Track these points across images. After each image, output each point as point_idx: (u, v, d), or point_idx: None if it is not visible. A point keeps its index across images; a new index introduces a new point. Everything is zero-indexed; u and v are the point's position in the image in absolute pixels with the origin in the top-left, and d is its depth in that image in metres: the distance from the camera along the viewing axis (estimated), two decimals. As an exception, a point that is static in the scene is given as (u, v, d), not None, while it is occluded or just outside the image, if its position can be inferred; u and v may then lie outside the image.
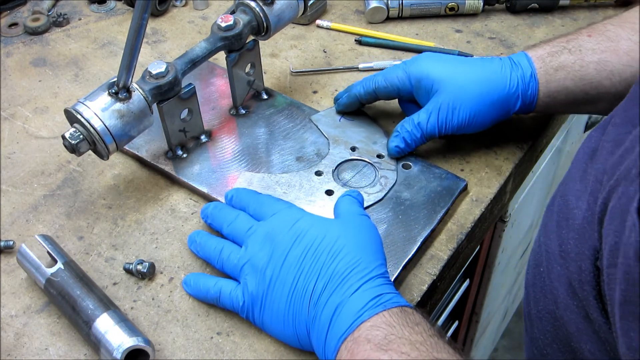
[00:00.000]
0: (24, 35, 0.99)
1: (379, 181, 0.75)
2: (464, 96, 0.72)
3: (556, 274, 0.58)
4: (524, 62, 0.72)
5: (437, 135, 0.74)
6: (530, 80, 0.72)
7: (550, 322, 0.60)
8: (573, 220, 0.56)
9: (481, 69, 0.73)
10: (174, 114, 0.75)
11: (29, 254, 0.65)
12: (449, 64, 0.74)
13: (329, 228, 0.60)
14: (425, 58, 0.76)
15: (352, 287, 0.56)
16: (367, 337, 0.53)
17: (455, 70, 0.73)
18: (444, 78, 0.73)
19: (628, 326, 0.45)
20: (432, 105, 0.73)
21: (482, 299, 1.25)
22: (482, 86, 0.72)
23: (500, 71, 0.72)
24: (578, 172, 0.59)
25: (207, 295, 0.64)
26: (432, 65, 0.74)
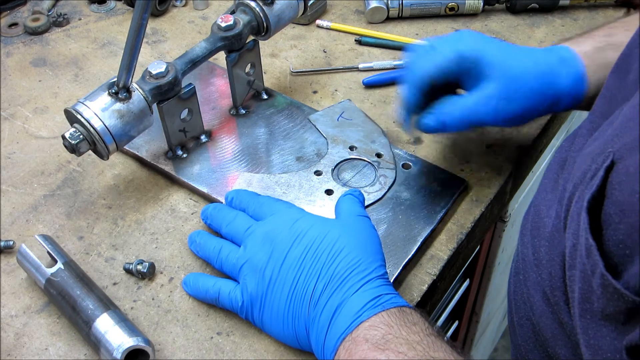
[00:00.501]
0: (24, 35, 0.99)
1: (379, 180, 0.75)
2: (521, 90, 0.66)
3: (532, 281, 0.59)
4: (573, 59, 0.67)
5: (483, 125, 0.68)
6: (581, 81, 0.66)
7: (530, 329, 0.61)
8: (544, 229, 0.58)
9: (536, 61, 0.67)
10: (174, 114, 0.75)
11: (29, 254, 0.65)
12: (503, 47, 0.68)
13: (329, 228, 0.60)
14: (472, 36, 0.68)
15: (353, 288, 0.56)
16: (365, 337, 0.53)
17: (512, 56, 0.67)
18: (501, 63, 0.66)
19: (587, 324, 0.46)
20: (486, 91, 0.66)
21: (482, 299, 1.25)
22: (537, 81, 0.66)
23: (556, 66, 0.66)
24: (550, 183, 0.60)
25: (206, 296, 0.64)
26: (486, 45, 0.67)
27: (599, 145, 0.48)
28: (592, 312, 0.45)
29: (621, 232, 0.42)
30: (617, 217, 0.42)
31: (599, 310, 0.44)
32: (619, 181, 0.42)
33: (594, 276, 0.43)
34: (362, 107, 0.85)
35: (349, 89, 0.89)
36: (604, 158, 0.44)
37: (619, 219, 0.42)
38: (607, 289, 0.42)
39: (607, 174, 0.44)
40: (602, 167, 0.44)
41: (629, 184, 0.41)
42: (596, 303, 0.44)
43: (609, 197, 0.43)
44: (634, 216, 0.40)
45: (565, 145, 0.61)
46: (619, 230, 0.42)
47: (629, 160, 0.42)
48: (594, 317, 0.45)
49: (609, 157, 0.44)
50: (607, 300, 0.43)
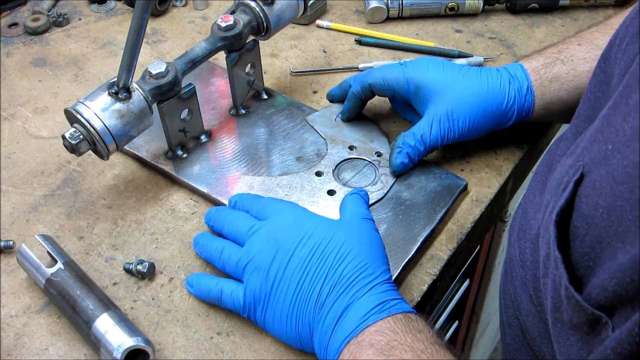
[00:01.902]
0: (24, 35, 0.99)
1: (380, 179, 0.75)
2: (463, 105, 0.72)
3: (519, 281, 0.60)
4: (520, 74, 0.73)
5: (439, 146, 0.74)
6: (527, 94, 0.72)
7: (518, 327, 0.62)
8: (530, 231, 0.59)
9: (480, 80, 0.73)
10: (174, 114, 0.75)
11: (29, 254, 0.65)
12: (449, 72, 0.74)
13: (335, 230, 0.60)
14: (425, 64, 0.75)
15: (359, 292, 0.56)
16: (370, 342, 0.53)
17: (455, 79, 0.73)
18: (444, 87, 0.72)
19: (558, 333, 0.47)
20: (432, 116, 0.73)
21: (482, 299, 1.25)
22: (480, 97, 0.72)
23: (499, 84, 0.72)
24: (538, 185, 0.61)
25: (208, 296, 0.64)
26: (432, 73, 0.74)
27: (573, 158, 0.49)
28: (562, 322, 0.46)
29: (587, 244, 0.43)
30: (583, 230, 0.43)
31: (568, 320, 0.45)
32: (586, 194, 0.43)
33: (561, 287, 0.44)
34: (362, 107, 0.86)
35: (349, 89, 0.89)
36: (575, 171, 0.45)
37: (585, 231, 0.43)
38: (571, 300, 0.43)
39: (577, 187, 0.45)
40: (572, 180, 0.45)
41: (594, 197, 0.42)
42: (564, 313, 0.45)
43: (576, 210, 0.44)
44: (597, 229, 0.41)
45: (552, 148, 0.62)
46: (585, 242, 0.43)
47: (595, 173, 0.43)
48: (564, 327, 0.46)
49: (579, 170, 0.45)
50: (572, 312, 0.44)
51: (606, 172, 0.41)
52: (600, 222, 0.41)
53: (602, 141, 0.44)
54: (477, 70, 0.75)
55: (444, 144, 0.73)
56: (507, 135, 0.81)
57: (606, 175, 0.41)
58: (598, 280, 0.41)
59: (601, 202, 0.41)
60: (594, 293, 0.42)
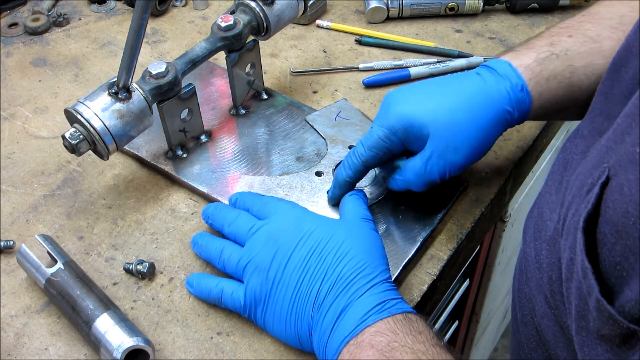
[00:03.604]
0: (24, 35, 0.99)
1: (379, 180, 0.75)
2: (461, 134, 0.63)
3: (534, 282, 0.59)
4: (510, 73, 0.64)
5: (438, 182, 0.65)
6: (522, 94, 0.64)
7: (533, 328, 0.61)
8: (545, 232, 0.57)
9: (464, 93, 0.64)
10: (174, 114, 0.75)
11: (29, 254, 0.65)
12: (428, 98, 0.65)
13: (334, 230, 0.60)
14: (397, 102, 0.65)
15: (358, 291, 0.56)
16: (370, 343, 0.53)
17: (438, 104, 0.64)
18: (432, 121, 0.63)
19: (582, 341, 0.45)
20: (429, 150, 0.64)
21: (482, 299, 1.25)
22: (476, 117, 0.64)
23: (486, 88, 0.64)
24: (554, 185, 0.59)
25: (209, 296, 0.64)
26: (411, 108, 0.64)
27: (595, 156, 0.47)
28: (587, 330, 0.44)
29: (617, 253, 0.41)
30: (612, 238, 0.41)
31: (595, 330, 0.43)
32: (614, 200, 0.41)
33: (590, 298, 0.43)
34: (362, 107, 0.85)
35: (349, 89, 0.89)
36: (600, 173, 0.43)
37: (615, 239, 0.41)
38: (602, 313, 0.41)
39: (603, 190, 0.42)
40: (597, 182, 0.43)
41: (623, 204, 0.40)
42: (592, 322, 0.43)
43: (603, 216, 0.42)
44: (630, 239, 0.39)
45: (567, 146, 0.60)
46: (615, 251, 0.41)
47: (622, 177, 0.41)
48: (590, 336, 0.44)
49: (605, 172, 0.43)
50: (602, 323, 0.42)
51: (635, 178, 0.39)
52: (632, 232, 0.39)
53: (629, 143, 0.42)
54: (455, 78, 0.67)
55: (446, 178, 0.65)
56: (507, 135, 0.81)
57: (635, 181, 0.39)
58: (632, 293, 0.39)
59: (632, 210, 0.39)
60: (628, 306, 0.40)
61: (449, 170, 0.65)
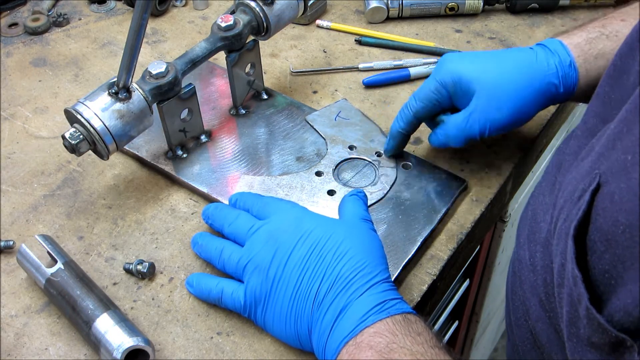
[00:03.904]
0: (24, 35, 0.99)
1: (380, 180, 0.75)
2: (506, 94, 0.67)
3: (528, 285, 0.59)
4: (560, 50, 0.68)
5: (478, 138, 0.69)
6: (570, 70, 0.67)
7: (528, 330, 0.60)
8: (539, 234, 0.57)
9: (515, 61, 0.69)
10: (174, 114, 0.75)
11: (29, 254, 0.65)
12: (480, 60, 0.70)
13: (334, 229, 0.60)
14: (451, 60, 0.71)
15: (358, 291, 0.56)
16: (369, 344, 0.53)
17: (489, 66, 0.69)
18: (481, 78, 0.68)
19: (573, 347, 0.45)
20: (473, 105, 0.68)
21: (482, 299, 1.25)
22: (522, 80, 0.67)
23: (536, 60, 0.68)
24: (547, 185, 0.59)
25: (209, 296, 0.64)
26: (462, 65, 0.70)
27: (588, 162, 0.47)
28: (578, 337, 0.44)
29: (606, 262, 0.41)
30: (602, 246, 0.41)
31: (585, 337, 0.43)
32: (604, 207, 0.41)
33: (580, 305, 0.43)
34: (362, 107, 0.86)
35: (349, 89, 0.89)
36: (591, 180, 0.43)
37: (604, 248, 0.41)
38: (592, 321, 0.41)
39: (594, 197, 0.42)
40: (588, 189, 0.43)
41: (613, 212, 0.40)
42: (582, 330, 0.43)
43: (593, 223, 0.42)
44: (619, 248, 0.39)
45: (562, 147, 0.60)
46: (604, 259, 0.41)
47: (613, 185, 0.41)
48: (580, 342, 0.44)
49: (596, 179, 0.43)
50: (592, 331, 0.42)
51: (627, 186, 0.39)
52: (622, 241, 0.39)
53: (620, 150, 0.41)
54: (508, 51, 0.71)
55: (485, 136, 0.69)
56: (507, 135, 0.81)
57: (627, 190, 0.39)
58: (621, 302, 0.39)
59: (622, 219, 0.39)
60: (617, 315, 0.40)
61: (489, 127, 0.68)
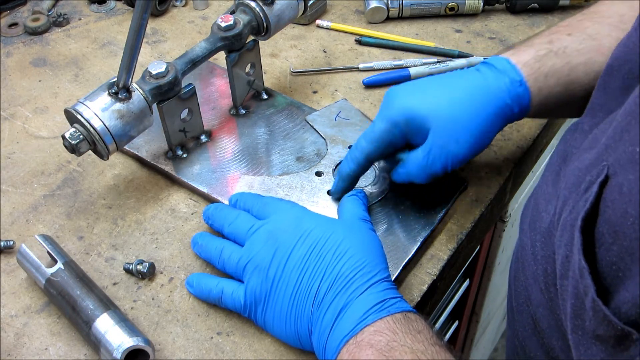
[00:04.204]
0: (24, 35, 0.99)
1: (380, 180, 0.75)
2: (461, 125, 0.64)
3: (530, 272, 0.59)
4: (508, 69, 0.65)
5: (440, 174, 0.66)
6: (521, 89, 0.64)
7: (529, 316, 0.60)
8: (540, 224, 0.57)
9: (465, 87, 0.65)
10: (174, 114, 0.75)
11: (29, 254, 0.65)
12: (429, 92, 0.66)
13: (334, 229, 0.60)
14: (400, 96, 0.67)
15: (358, 290, 0.56)
16: (369, 342, 0.53)
17: (440, 98, 0.65)
18: (433, 113, 0.64)
19: (578, 340, 0.45)
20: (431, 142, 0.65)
21: (482, 299, 1.25)
22: (476, 108, 0.64)
23: (486, 84, 0.65)
24: (551, 176, 0.59)
25: (209, 296, 0.64)
26: (413, 101, 0.65)
27: (594, 154, 0.47)
28: (583, 329, 0.44)
29: (614, 254, 0.40)
30: (610, 238, 0.41)
31: (590, 329, 0.43)
32: (612, 199, 0.41)
33: (586, 298, 0.42)
34: (362, 107, 0.86)
35: (349, 89, 0.89)
36: (599, 171, 0.43)
37: (612, 239, 0.40)
38: (598, 313, 0.41)
39: (602, 189, 0.42)
40: (596, 181, 0.42)
41: (622, 204, 0.40)
42: (587, 322, 0.43)
43: (601, 215, 0.42)
44: (627, 240, 0.39)
45: (567, 138, 0.60)
46: (612, 251, 0.40)
47: (622, 177, 0.40)
48: (585, 335, 0.44)
49: (604, 170, 0.42)
50: (597, 324, 0.42)
51: (635, 178, 0.39)
52: (630, 233, 0.39)
53: (628, 141, 0.41)
54: (455, 75, 0.68)
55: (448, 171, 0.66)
56: (507, 135, 0.81)
57: (635, 181, 0.39)
58: (629, 294, 0.39)
59: (631, 211, 0.38)
60: (624, 308, 0.39)
61: (451, 162, 0.65)
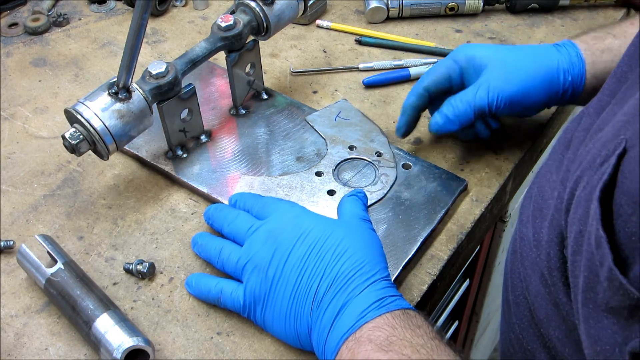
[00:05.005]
0: (24, 35, 0.99)
1: (380, 179, 0.75)
2: (514, 68, 0.71)
3: (530, 261, 0.59)
4: (567, 44, 0.72)
5: (487, 110, 0.71)
6: (577, 60, 0.70)
7: (526, 307, 0.60)
8: (547, 210, 0.57)
9: (525, 49, 0.73)
10: (174, 114, 0.75)
11: (29, 254, 0.65)
12: (493, 47, 0.74)
13: (333, 228, 0.60)
14: (466, 46, 0.76)
15: (357, 288, 0.56)
16: (369, 338, 0.53)
17: (501, 49, 0.73)
18: (492, 55, 0.72)
19: (588, 313, 0.45)
20: (483, 79, 0.72)
21: (482, 299, 1.25)
22: (530, 61, 0.71)
23: (545, 50, 0.72)
24: (554, 163, 0.59)
25: (208, 296, 0.64)
26: (476, 49, 0.74)
27: (609, 129, 0.47)
28: (595, 302, 0.44)
29: (633, 224, 0.40)
30: (629, 209, 0.41)
31: (603, 302, 0.43)
32: (631, 170, 0.41)
33: (602, 268, 0.42)
34: (362, 107, 0.86)
35: (349, 89, 0.89)
36: (616, 145, 0.43)
37: (632, 210, 0.40)
38: (613, 282, 0.41)
39: (619, 162, 0.42)
40: (613, 154, 0.42)
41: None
42: (601, 294, 0.43)
43: (619, 187, 0.42)
44: None
45: (571, 126, 0.60)
46: (631, 222, 0.40)
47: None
48: (597, 308, 0.44)
49: (622, 143, 0.42)
50: (612, 294, 0.42)
51: None
52: None
53: None
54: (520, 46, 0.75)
55: (492, 109, 0.71)
56: (507, 135, 0.81)
57: None
58: None
59: None
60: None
61: (498, 97, 0.70)
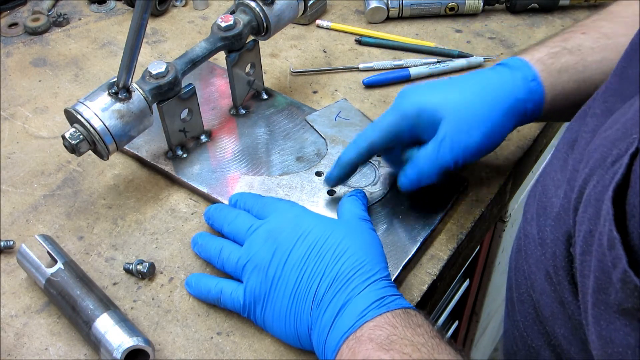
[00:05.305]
0: (24, 35, 0.99)
1: (380, 180, 0.75)
2: (473, 116, 0.64)
3: (534, 259, 0.59)
4: (521, 66, 0.66)
5: (452, 167, 0.65)
6: (534, 84, 0.65)
7: (531, 305, 0.60)
8: (551, 209, 0.57)
9: (478, 82, 0.66)
10: (174, 114, 0.75)
11: (29, 254, 0.65)
12: (441, 88, 0.67)
13: (333, 228, 0.60)
14: (411, 93, 0.67)
15: (357, 288, 0.56)
16: (369, 337, 0.53)
17: (451, 92, 0.66)
18: (444, 104, 0.65)
19: (600, 314, 0.45)
20: (441, 133, 0.64)
21: (482, 299, 1.25)
22: (486, 103, 0.65)
23: (499, 78, 0.66)
24: (559, 162, 0.59)
25: (208, 296, 0.64)
26: (424, 96, 0.66)
27: (619, 128, 0.46)
28: (607, 304, 0.44)
29: None
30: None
31: (616, 303, 0.42)
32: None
33: (615, 270, 0.42)
34: (362, 107, 0.86)
35: (349, 89, 0.89)
36: (628, 144, 0.42)
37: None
38: (628, 285, 0.41)
39: (632, 161, 0.41)
40: (626, 153, 0.42)
41: None
42: (613, 296, 0.43)
43: (632, 187, 0.41)
44: None
45: (575, 126, 0.59)
46: None
47: None
48: (609, 309, 0.43)
49: (634, 143, 0.42)
50: (625, 296, 0.41)
51: None
52: None
53: None
54: (469, 74, 0.69)
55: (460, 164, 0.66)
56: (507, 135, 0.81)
57: None
58: None
59: None
60: None
61: (462, 154, 0.65)
